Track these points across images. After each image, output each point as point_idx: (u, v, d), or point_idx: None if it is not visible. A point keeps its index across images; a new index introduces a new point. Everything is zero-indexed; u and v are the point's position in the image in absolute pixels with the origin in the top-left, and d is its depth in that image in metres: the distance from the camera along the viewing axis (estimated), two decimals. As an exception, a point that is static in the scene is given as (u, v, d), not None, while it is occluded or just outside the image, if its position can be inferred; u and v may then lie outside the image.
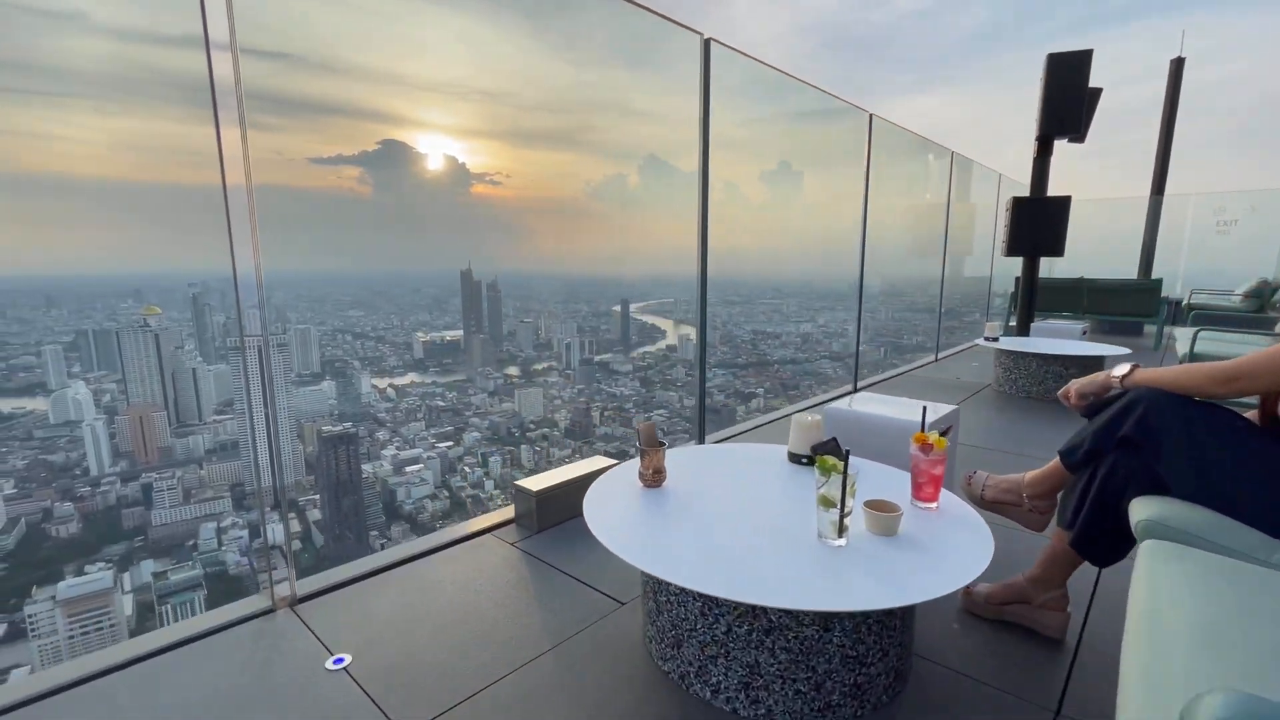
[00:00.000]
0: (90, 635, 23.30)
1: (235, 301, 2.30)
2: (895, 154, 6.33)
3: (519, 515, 2.90)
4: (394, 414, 42.43)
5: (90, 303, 31.80)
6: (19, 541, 23.97)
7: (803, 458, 2.04)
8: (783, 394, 19.86)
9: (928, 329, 8.37)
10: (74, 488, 25.65)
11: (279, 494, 3.17)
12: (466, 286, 49.20)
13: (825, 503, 1.41)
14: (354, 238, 42.95)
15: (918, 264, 8.59)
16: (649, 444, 1.86)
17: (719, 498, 1.78)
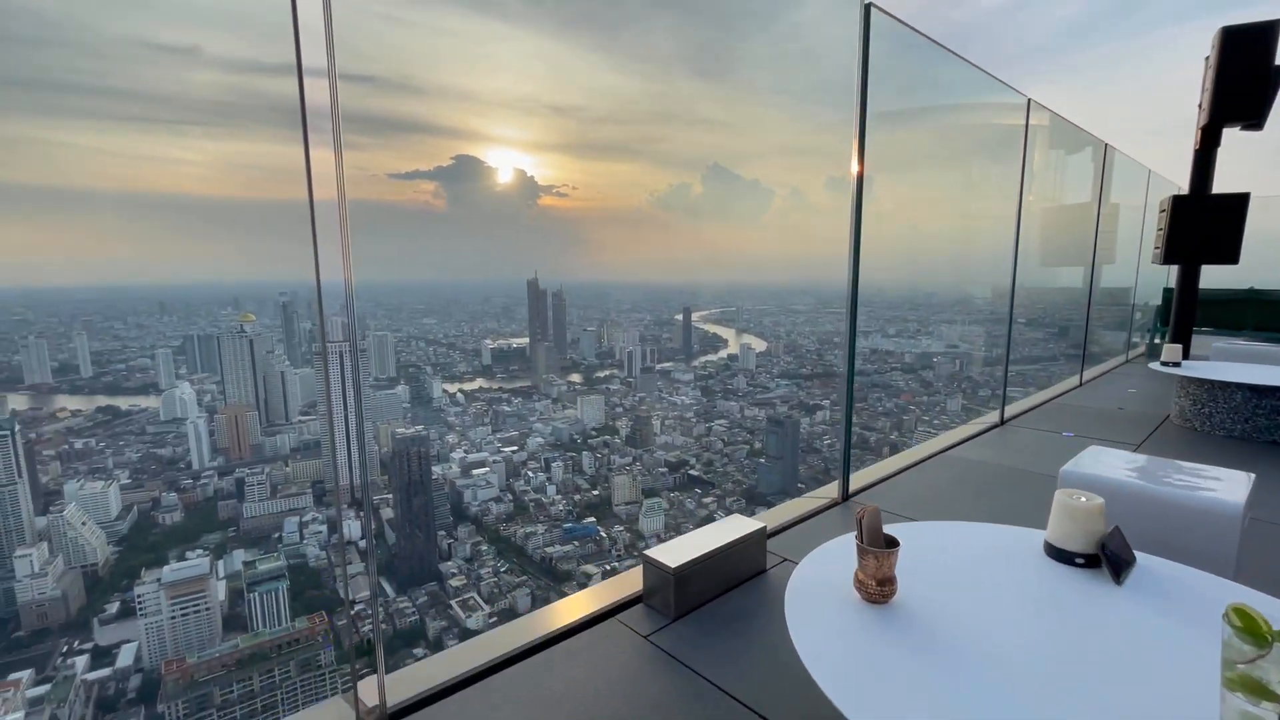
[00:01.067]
0: (189, 618, 25.30)
1: (319, 310, 2.30)
2: (1032, 148, 5.73)
3: (649, 592, 2.35)
4: (462, 418, 44.25)
5: (196, 310, 34.89)
6: (132, 527, 26.46)
7: (1077, 557, 1.46)
8: (891, 414, 19.11)
9: (1058, 347, 7.57)
10: (178, 480, 28.21)
11: (365, 517, 3.18)
12: (533, 295, 50.63)
13: (1251, 688, 0.82)
14: (429, 249, 43.59)
15: (1045, 273, 7.66)
16: (875, 541, 1.32)
17: (973, 623, 1.20)
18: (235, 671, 38.88)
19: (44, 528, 42.50)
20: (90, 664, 38.15)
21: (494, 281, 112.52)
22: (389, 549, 60.65)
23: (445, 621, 52.97)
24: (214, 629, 43.00)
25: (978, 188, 6.88)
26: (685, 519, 70.54)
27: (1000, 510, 3.31)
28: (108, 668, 38.04)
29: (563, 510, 73.80)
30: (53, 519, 42.84)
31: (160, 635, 40.63)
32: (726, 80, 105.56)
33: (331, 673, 40.96)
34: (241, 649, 39.36)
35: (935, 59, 4.02)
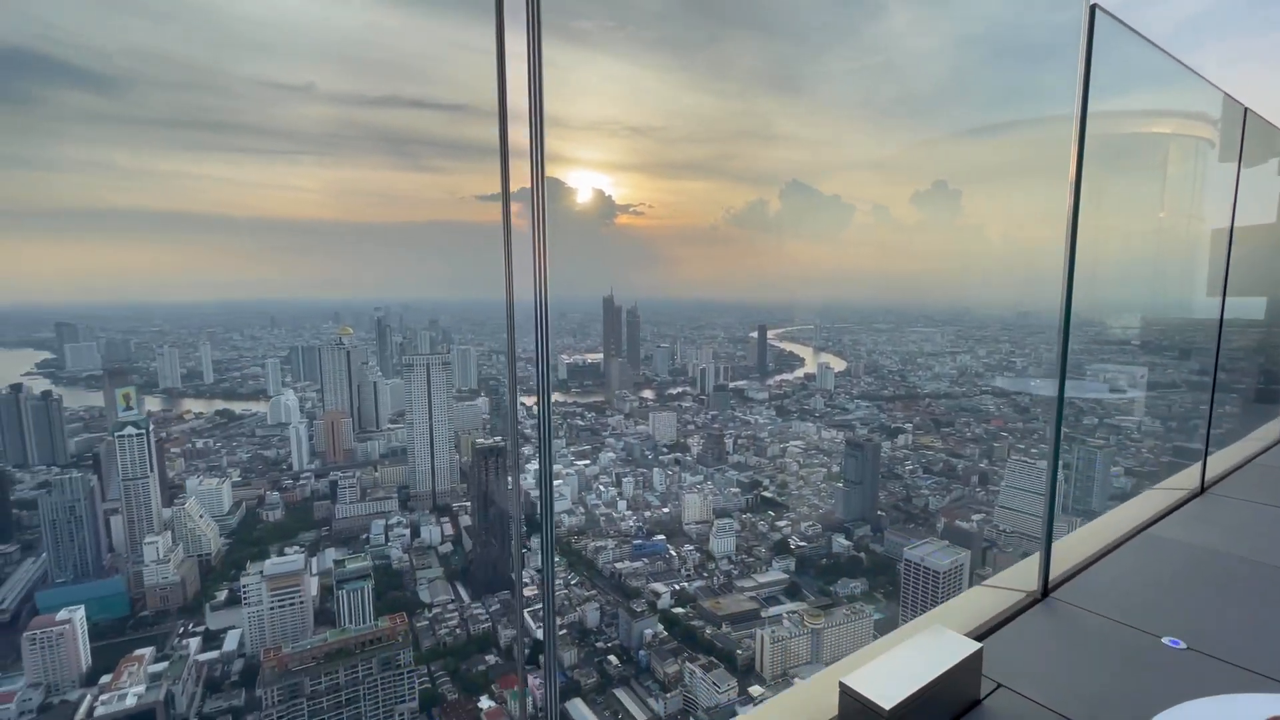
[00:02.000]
0: (285, 610, 27.66)
1: (509, 325, 2.26)
2: (1216, 154, 4.93)
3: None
4: (538, 430, 44.11)
5: (302, 323, 38.56)
6: (240, 521, 29.44)
7: None
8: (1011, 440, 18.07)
9: (1241, 389, 6.33)
10: (280, 480, 31.23)
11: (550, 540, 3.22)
12: (608, 312, 52.76)
13: None
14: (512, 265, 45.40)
15: (1206, 302, 6.61)
16: None
17: None
18: (323, 664, 41.62)
19: (169, 518, 47.68)
20: (201, 646, 42.19)
21: (571, 298, 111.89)
22: (465, 555, 63.34)
23: (516, 631, 53.87)
24: (306, 622, 46.38)
25: (1145, 202, 6.03)
26: (757, 542, 69.45)
27: (1265, 625, 2.66)
28: (215, 650, 41.97)
29: (633, 526, 74.90)
30: (176, 511, 48.01)
31: (260, 624, 44.27)
32: (805, 96, 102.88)
33: (409, 672, 42.73)
34: (329, 643, 42.09)
35: (1138, 59, 3.65)
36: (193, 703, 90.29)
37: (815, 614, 73.06)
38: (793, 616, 75.74)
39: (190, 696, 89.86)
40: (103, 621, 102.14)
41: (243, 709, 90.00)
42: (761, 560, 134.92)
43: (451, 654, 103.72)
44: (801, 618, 72.24)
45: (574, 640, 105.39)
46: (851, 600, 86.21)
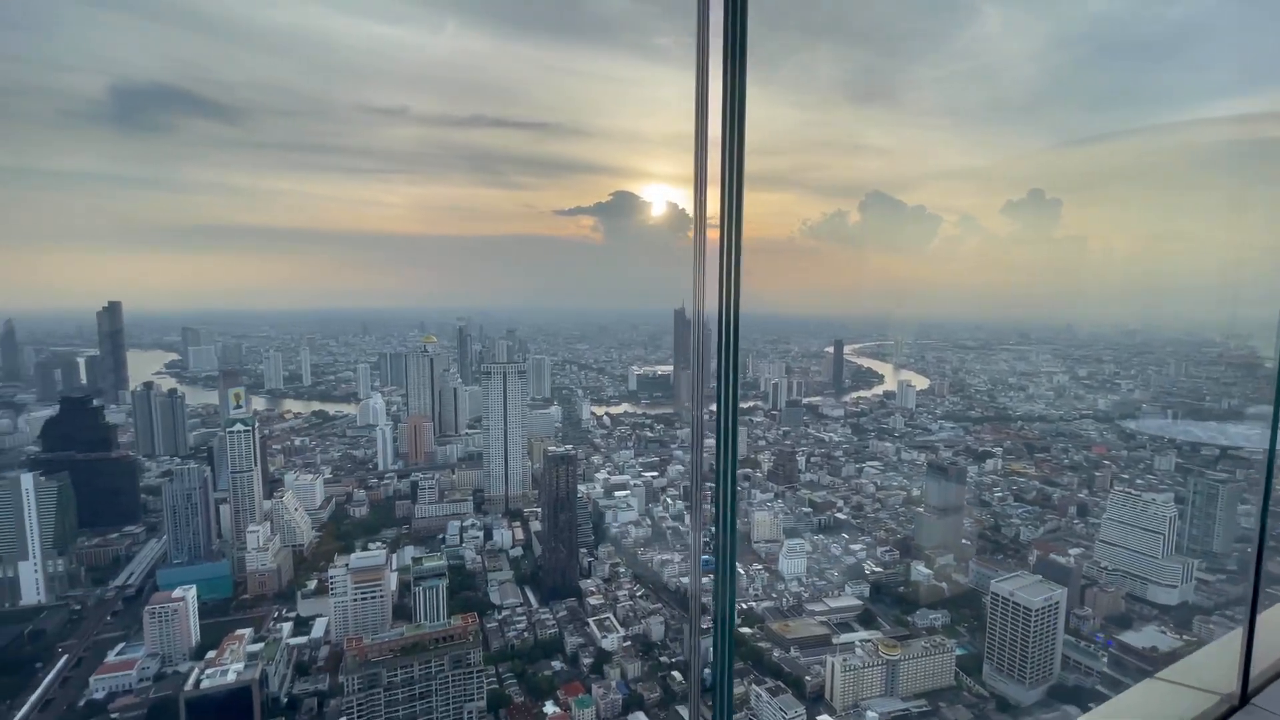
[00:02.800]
0: (367, 602, 29.09)
1: (695, 331, 2.34)
2: None
3: None
4: (608, 440, 46.68)
5: (390, 331, 40.54)
6: (330, 516, 31.13)
7: None
8: None
9: None
10: (367, 478, 32.91)
11: None
12: (679, 324, 51.94)
13: None
14: (586, 278, 45.71)
15: None
16: None
17: None
18: (399, 657, 44.20)
19: (269, 510, 52.35)
20: (293, 630, 45.95)
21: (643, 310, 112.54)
22: (534, 560, 65.47)
23: (582, 639, 55.08)
24: (385, 616, 49.73)
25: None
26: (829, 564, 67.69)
27: None
28: (304, 636, 45.48)
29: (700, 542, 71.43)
30: (275, 503, 52.65)
31: (345, 614, 47.90)
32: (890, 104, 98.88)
33: (478, 672, 44.52)
34: (406, 637, 44.77)
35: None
36: (283, 684, 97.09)
37: (891, 644, 68.82)
38: (866, 645, 71.65)
39: (281, 678, 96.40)
40: (210, 601, 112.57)
41: (327, 694, 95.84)
42: (833, 584, 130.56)
43: (519, 657, 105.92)
44: (876, 647, 68.20)
45: (638, 653, 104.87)
46: (932, 633, 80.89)
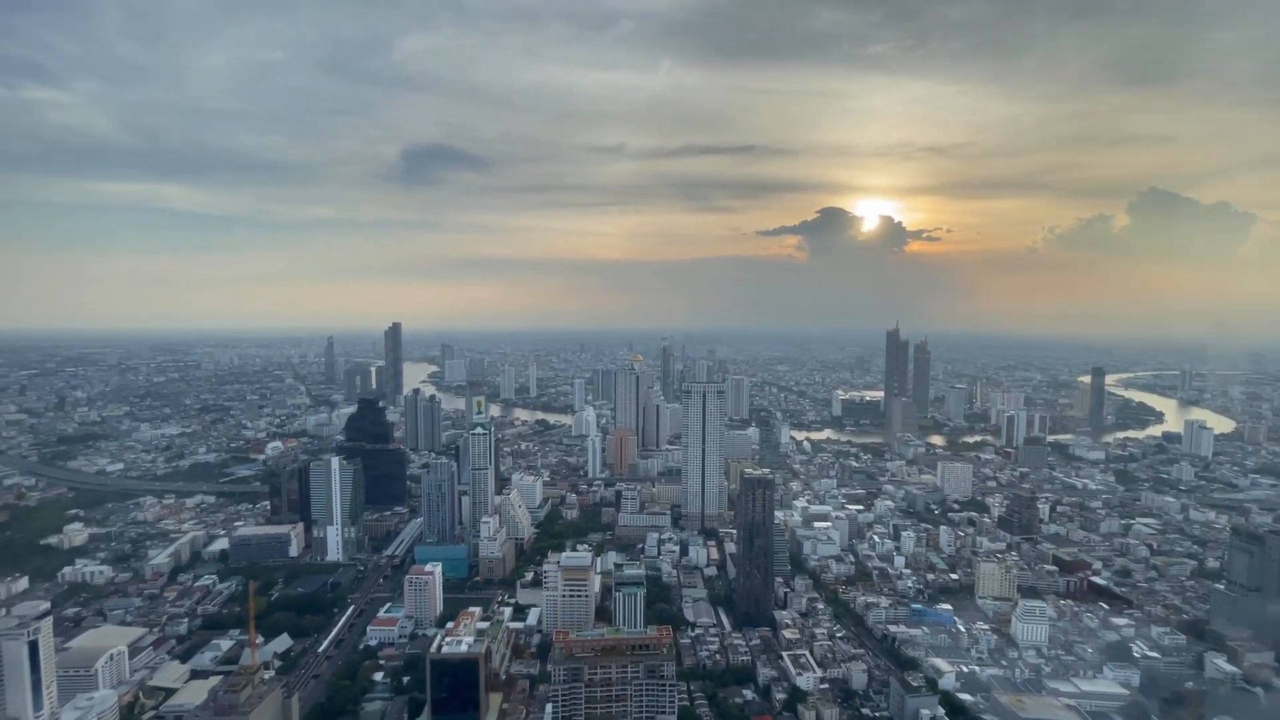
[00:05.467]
0: (574, 599, 31.65)
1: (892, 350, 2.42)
2: None
3: None
4: (808, 467, 45.18)
5: (603, 350, 43.67)
6: (546, 515, 34.75)
7: None
8: None
9: None
10: (578, 484, 36.07)
11: None
12: (892, 346, 48.50)
13: None
14: (788, 299, 44.74)
15: None
16: None
17: None
18: (599, 657, 47.03)
19: (498, 504, 59.96)
20: (512, 615, 51.96)
21: (850, 331, 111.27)
22: (728, 582, 65.57)
23: (775, 672, 53.31)
24: (588, 615, 53.57)
25: None
26: (1081, 638, 57.34)
27: None
28: (521, 622, 51.11)
29: (911, 587, 68.84)
30: (503, 499, 60.00)
31: (555, 607, 52.96)
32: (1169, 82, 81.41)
33: (670, 686, 45.46)
34: (605, 639, 47.69)
35: None
36: (503, 662, 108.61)
37: (1173, 755, 54.25)
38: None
39: (502, 656, 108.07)
40: (452, 578, 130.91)
41: (537, 678, 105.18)
42: (1087, 663, 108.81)
43: (710, 678, 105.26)
44: (1150, 754, 54.95)
45: (836, 699, 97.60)
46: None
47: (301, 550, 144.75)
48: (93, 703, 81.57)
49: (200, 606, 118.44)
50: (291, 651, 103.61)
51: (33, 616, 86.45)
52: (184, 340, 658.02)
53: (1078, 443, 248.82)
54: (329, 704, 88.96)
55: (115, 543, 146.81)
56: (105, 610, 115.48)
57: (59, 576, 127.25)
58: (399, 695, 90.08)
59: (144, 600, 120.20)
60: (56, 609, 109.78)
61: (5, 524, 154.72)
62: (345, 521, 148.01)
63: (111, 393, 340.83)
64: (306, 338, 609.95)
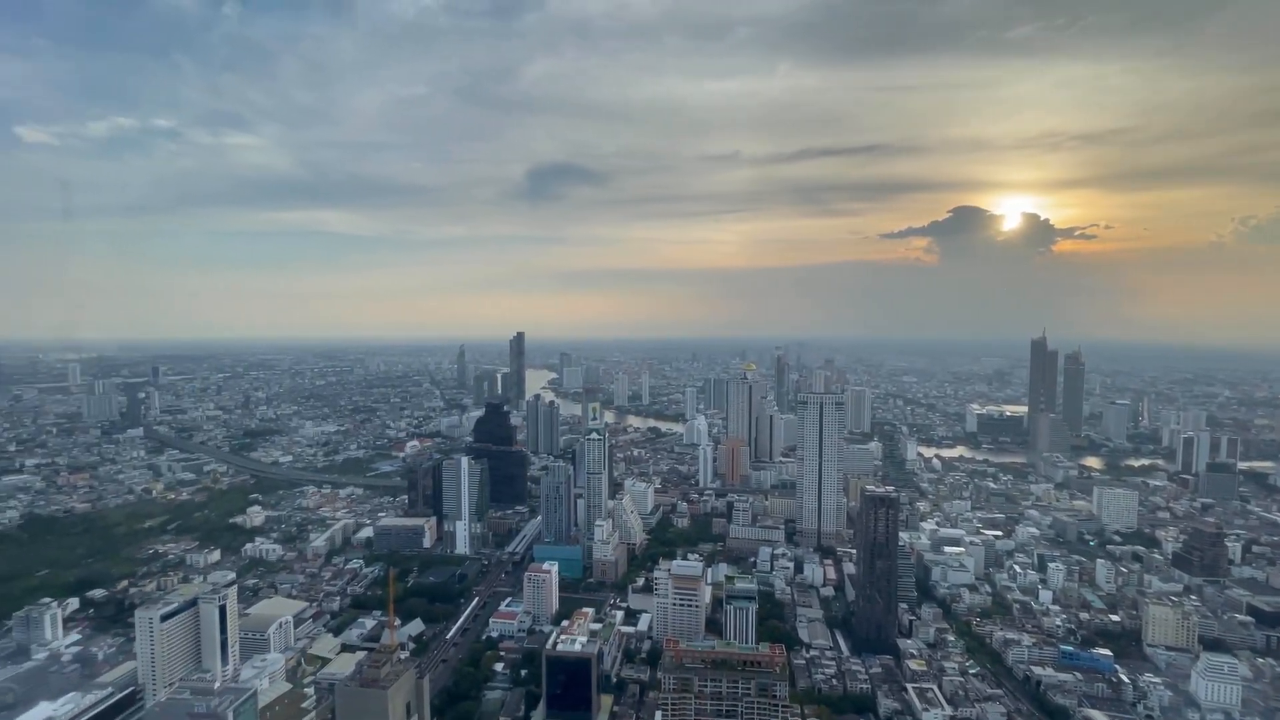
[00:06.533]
0: (684, 608, 31.59)
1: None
2: None
3: None
4: (937, 486, 42.13)
5: (715, 358, 43.94)
6: (658, 522, 35.06)
7: None
8: None
9: None
10: (689, 493, 36.24)
11: None
12: (1038, 357, 44.35)
13: None
14: (915, 305, 42.21)
15: None
16: None
17: None
18: (709, 669, 46.68)
19: (611, 508, 61.59)
20: (624, 619, 52.92)
21: (988, 340, 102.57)
22: (846, 604, 62.87)
23: (898, 704, 50.09)
24: (698, 625, 53.27)
25: None
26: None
27: None
28: (632, 626, 51.90)
29: (1060, 626, 62.18)
30: (616, 503, 61.53)
31: (665, 615, 53.20)
32: None
33: (783, 707, 44.07)
34: (716, 651, 47.22)
35: None
36: (614, 665, 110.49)
37: None
38: None
39: (613, 659, 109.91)
40: (567, 578, 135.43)
41: (647, 685, 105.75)
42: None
43: (826, 702, 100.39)
44: None
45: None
46: None
47: (434, 542, 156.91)
48: (266, 663, 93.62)
49: (349, 587, 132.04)
50: (424, 635, 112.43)
51: (222, 585, 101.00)
52: (341, 348, 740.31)
53: (1278, 470, 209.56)
54: (455, 688, 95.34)
55: (285, 525, 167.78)
56: (276, 584, 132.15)
57: (242, 551, 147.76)
58: (517, 687, 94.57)
59: (305, 577, 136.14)
60: (240, 579, 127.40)
61: (203, 504, 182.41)
62: (472, 517, 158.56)
63: (284, 394, 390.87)
64: (441, 346, 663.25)
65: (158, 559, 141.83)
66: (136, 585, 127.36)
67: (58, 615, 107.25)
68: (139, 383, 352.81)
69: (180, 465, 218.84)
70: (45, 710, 61.63)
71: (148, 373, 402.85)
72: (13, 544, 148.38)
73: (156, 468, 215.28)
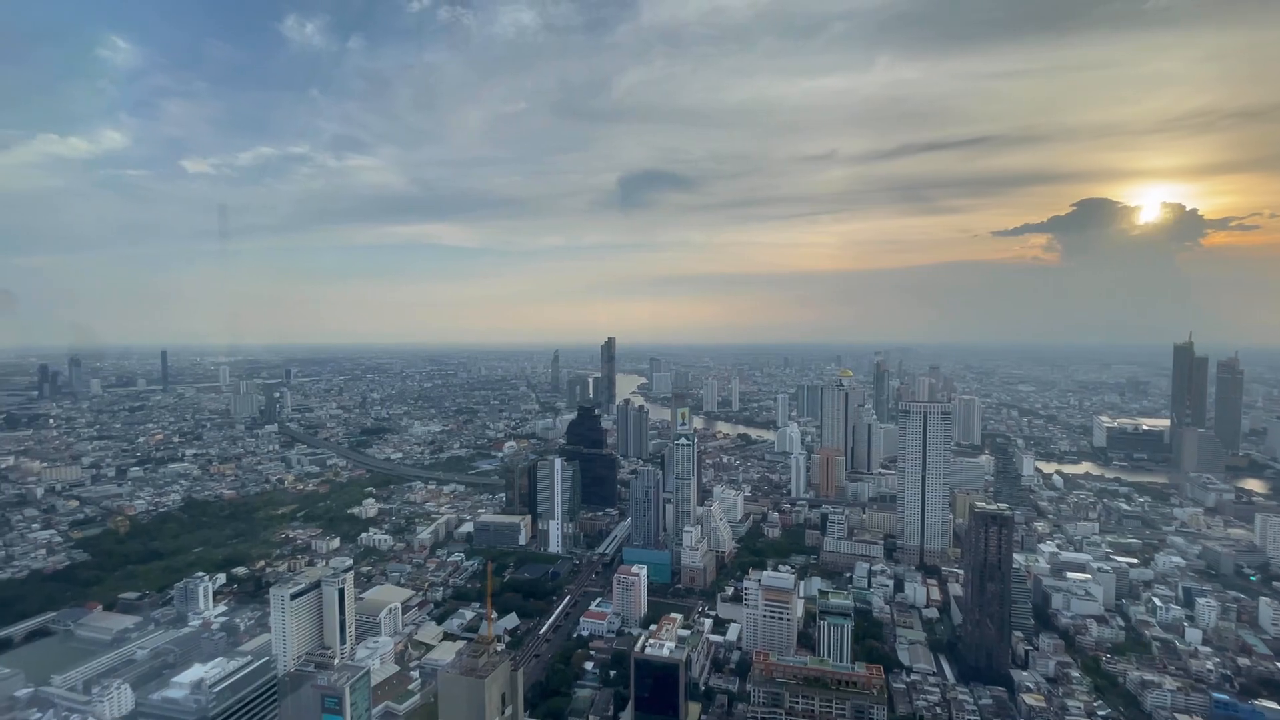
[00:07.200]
0: (774, 621, 30.88)
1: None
2: None
3: None
4: (1059, 506, 38.81)
5: (808, 364, 42.75)
6: (747, 531, 34.57)
7: None
8: None
9: None
10: (780, 502, 35.37)
11: None
12: (1182, 364, 39.92)
13: None
14: (1033, 308, 38.99)
15: None
16: None
17: None
18: (801, 686, 45.22)
19: (700, 515, 61.45)
20: (712, 628, 52.62)
21: (1120, 346, 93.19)
22: (952, 627, 59.19)
23: (1013, 741, 43.45)
24: (790, 640, 51.86)
25: None
26: None
27: None
28: (721, 636, 51.45)
29: (1212, 671, 55.41)
30: (705, 510, 61.44)
31: (755, 626, 52.35)
32: None
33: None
34: (808, 668, 45.68)
35: None
36: (702, 673, 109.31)
37: None
38: None
39: (701, 668, 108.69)
40: (655, 582, 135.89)
41: (735, 696, 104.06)
42: None
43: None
44: None
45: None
46: None
47: (528, 539, 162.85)
48: (378, 645, 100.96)
49: (451, 579, 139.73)
50: (518, 629, 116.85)
51: (341, 570, 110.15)
52: (446, 353, 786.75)
53: None
54: (546, 683, 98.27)
55: (395, 517, 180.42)
56: (387, 572, 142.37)
57: (358, 540, 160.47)
58: (606, 687, 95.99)
59: (412, 567, 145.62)
60: (355, 566, 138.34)
61: (326, 495, 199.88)
62: (564, 517, 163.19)
63: (396, 395, 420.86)
64: (537, 351, 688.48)
65: (288, 543, 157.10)
66: (271, 565, 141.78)
67: (209, 588, 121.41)
68: (275, 383, 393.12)
69: (307, 459, 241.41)
70: (198, 671, 69.96)
71: (282, 375, 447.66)
72: (175, 523, 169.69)
73: (288, 460, 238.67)
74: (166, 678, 77.35)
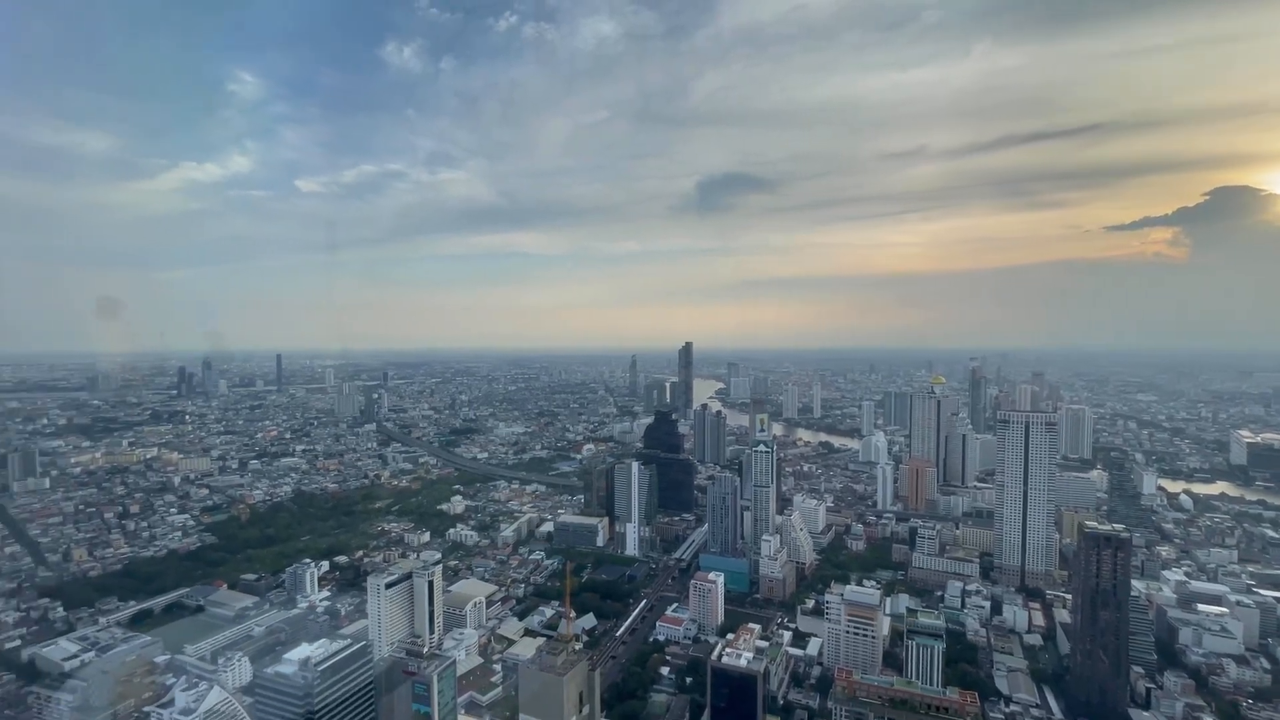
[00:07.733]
0: (858, 638, 29.72)
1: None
2: None
3: None
4: (1187, 529, 35.14)
5: (896, 370, 40.91)
6: (829, 543, 33.31)
7: None
8: None
9: None
10: (865, 514, 33.95)
11: None
12: None
13: None
14: (1155, 310, 35.38)
15: None
16: None
17: None
18: (887, 708, 43.20)
19: (779, 524, 60.02)
20: (791, 640, 51.13)
21: (1265, 352, 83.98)
22: (1059, 656, 54.98)
23: (1128, 787, 39.30)
24: (875, 658, 49.61)
25: None
26: None
27: None
28: (801, 649, 49.96)
29: None
30: (784, 520, 59.85)
31: (836, 642, 50.41)
32: None
33: None
34: (895, 689, 43.58)
35: None
36: (780, 686, 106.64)
37: None
38: None
39: (780, 680, 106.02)
40: (732, 591, 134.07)
41: (815, 712, 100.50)
42: None
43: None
44: None
45: None
46: None
47: (606, 541, 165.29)
48: (463, 637, 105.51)
49: (532, 576, 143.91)
50: (596, 630, 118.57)
51: (431, 563, 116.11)
52: (528, 357, 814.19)
53: None
54: (623, 685, 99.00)
55: (480, 514, 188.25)
56: (472, 567, 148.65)
57: (446, 535, 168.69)
58: (681, 693, 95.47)
59: (496, 564, 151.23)
60: (444, 560, 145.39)
61: (418, 491, 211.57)
62: (641, 520, 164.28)
63: (482, 398, 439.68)
64: (615, 355, 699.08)
65: (383, 535, 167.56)
66: (368, 555, 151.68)
67: (315, 574, 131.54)
68: (374, 385, 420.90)
69: (401, 456, 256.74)
70: (305, 650, 75.87)
71: (380, 377, 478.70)
72: (286, 513, 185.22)
73: (384, 457, 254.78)
74: (279, 654, 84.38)
